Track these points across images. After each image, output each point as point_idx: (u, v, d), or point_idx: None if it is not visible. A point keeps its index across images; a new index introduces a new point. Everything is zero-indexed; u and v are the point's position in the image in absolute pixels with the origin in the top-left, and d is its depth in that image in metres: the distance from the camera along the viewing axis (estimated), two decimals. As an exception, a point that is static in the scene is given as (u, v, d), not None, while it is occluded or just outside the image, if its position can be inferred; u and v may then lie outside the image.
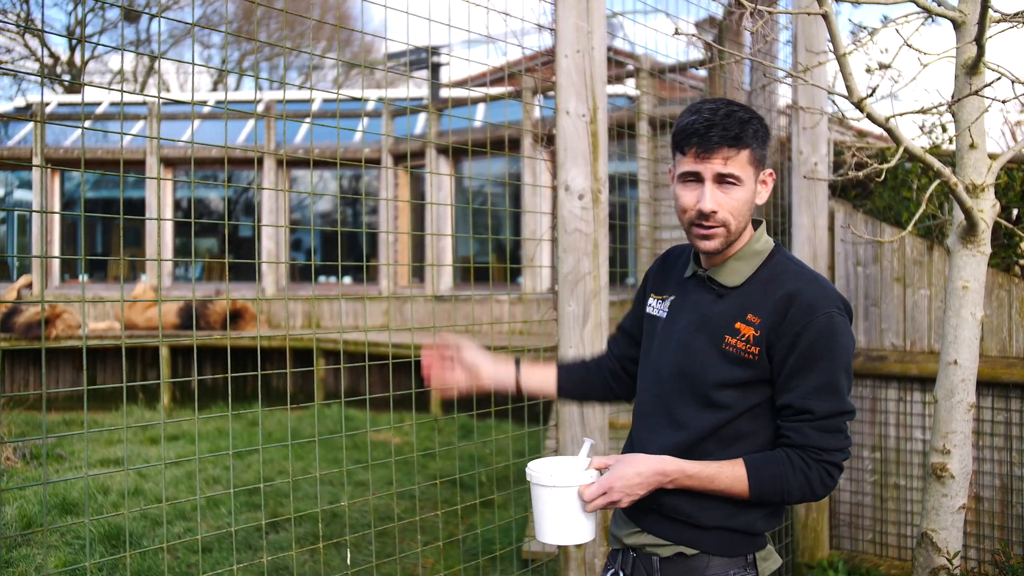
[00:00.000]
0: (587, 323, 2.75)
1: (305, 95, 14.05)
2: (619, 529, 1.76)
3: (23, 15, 19.28)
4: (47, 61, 21.06)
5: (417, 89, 13.47)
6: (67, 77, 20.95)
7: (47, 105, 14.03)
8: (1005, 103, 2.51)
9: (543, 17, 2.97)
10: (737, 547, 1.65)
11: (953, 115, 2.55)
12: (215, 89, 22.19)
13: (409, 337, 9.67)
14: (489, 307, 6.44)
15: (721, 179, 1.61)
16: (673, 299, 1.77)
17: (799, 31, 3.92)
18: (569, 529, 1.61)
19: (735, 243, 1.67)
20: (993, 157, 2.57)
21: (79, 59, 21.43)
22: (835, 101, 3.92)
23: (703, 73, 6.06)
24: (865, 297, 4.04)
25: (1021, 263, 3.86)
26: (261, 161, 11.82)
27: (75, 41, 20.80)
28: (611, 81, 3.17)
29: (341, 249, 4.22)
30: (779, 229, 4.23)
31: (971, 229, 2.51)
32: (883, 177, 3.44)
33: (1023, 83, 2.44)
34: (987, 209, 2.52)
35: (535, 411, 7.52)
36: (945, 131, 4.35)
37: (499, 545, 4.40)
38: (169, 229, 12.29)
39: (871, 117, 2.26)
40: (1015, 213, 3.85)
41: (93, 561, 4.13)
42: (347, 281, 12.92)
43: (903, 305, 3.93)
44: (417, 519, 4.70)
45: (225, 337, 2.55)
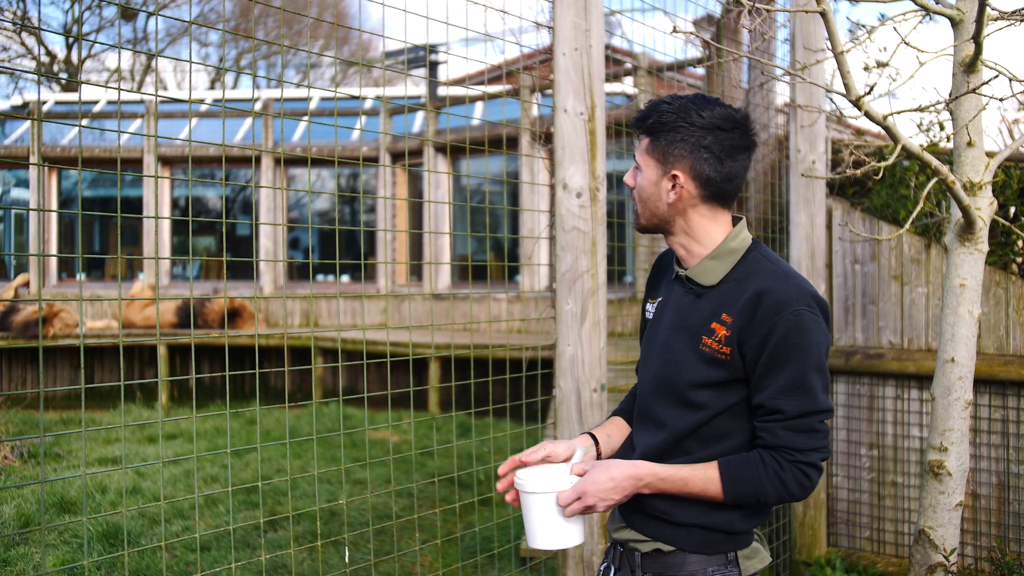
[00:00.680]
0: (585, 321, 2.76)
1: (303, 93, 14.04)
2: (611, 524, 1.80)
3: (20, 13, 19.24)
4: (44, 59, 21.03)
5: (415, 87, 13.47)
6: (64, 75, 20.92)
7: (44, 103, 14.00)
8: (1003, 101, 2.51)
9: (541, 15, 2.97)
10: (715, 545, 1.65)
11: (951, 113, 2.55)
12: (213, 87, 22.16)
13: (407, 336, 9.67)
14: (487, 305, 6.44)
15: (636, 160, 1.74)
16: (660, 300, 1.80)
17: (797, 29, 3.93)
18: (554, 534, 1.63)
19: (696, 240, 1.69)
20: (991, 155, 2.57)
21: (76, 57, 21.40)
22: (833, 99, 3.92)
23: (701, 71, 6.06)
24: (863, 295, 4.04)
25: (1018, 261, 3.87)
26: (259, 159, 11.81)
27: (72, 39, 20.77)
28: (609, 79, 3.18)
29: (339, 248, 4.21)
30: (777, 227, 4.23)
31: (968, 227, 2.52)
32: (881, 175, 3.44)
33: (1021, 81, 2.44)
34: (984, 207, 2.52)
35: (533, 409, 7.53)
36: (943, 129, 4.36)
37: (497, 543, 4.40)
38: (167, 228, 12.28)
39: (869, 115, 2.26)
40: (1012, 211, 3.85)
41: (91, 560, 4.13)
42: (345, 280, 12.92)
43: (901, 303, 3.93)
44: (415, 517, 4.71)
45: (223, 336, 2.55)
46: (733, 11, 4.19)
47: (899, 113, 2.46)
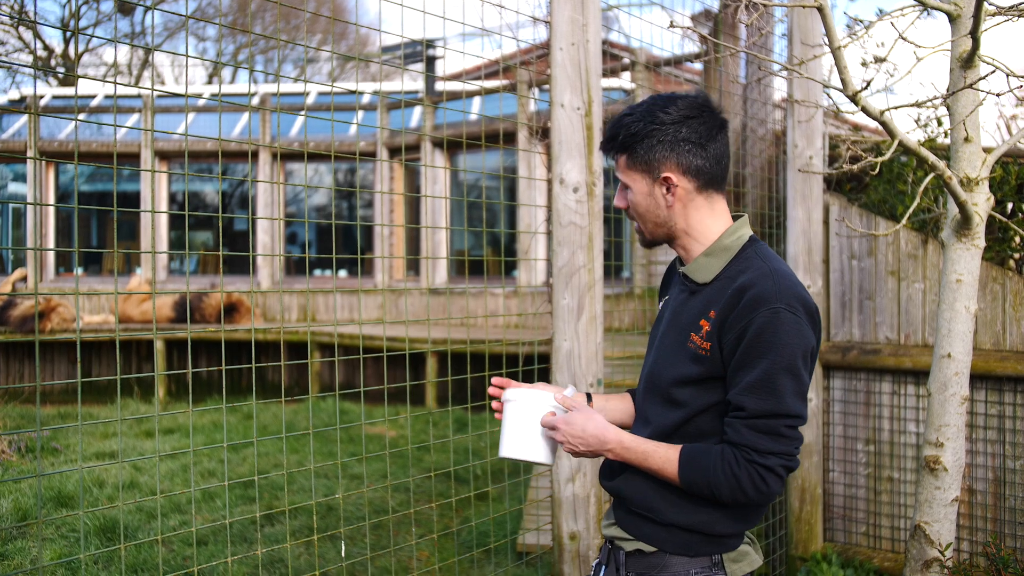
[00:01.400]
0: (582, 316, 2.76)
1: (300, 88, 14.01)
2: (604, 520, 1.81)
3: (17, 7, 19.18)
4: (41, 54, 20.97)
5: (412, 82, 13.44)
6: (61, 70, 20.86)
7: (41, 98, 13.96)
8: (1000, 96, 2.51)
9: (538, 10, 2.96)
10: (696, 547, 1.63)
11: (948, 109, 2.55)
12: (210, 82, 22.12)
13: (404, 330, 9.67)
14: (484, 300, 6.44)
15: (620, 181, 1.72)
16: (666, 299, 1.81)
17: (794, 24, 3.92)
18: (523, 444, 1.72)
19: (695, 237, 1.68)
20: (988, 151, 2.57)
21: (73, 52, 21.35)
22: (830, 94, 3.91)
23: (698, 66, 6.05)
24: (859, 290, 4.05)
25: (1015, 257, 3.87)
26: (256, 154, 11.79)
27: (69, 33, 20.70)
28: (606, 74, 3.17)
29: (336, 242, 4.21)
30: (774, 222, 4.23)
31: (965, 223, 2.52)
32: (878, 171, 3.45)
33: (1018, 77, 2.44)
34: (981, 203, 2.52)
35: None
36: (940, 125, 4.36)
37: (494, 538, 4.41)
38: (164, 222, 12.26)
39: (866, 110, 2.26)
40: (1010, 207, 3.86)
41: (88, 554, 4.14)
42: (342, 274, 12.91)
43: (897, 298, 3.94)
44: (412, 512, 4.71)
45: (220, 330, 2.54)
46: (731, 6, 4.18)
47: (896, 108, 2.46)
